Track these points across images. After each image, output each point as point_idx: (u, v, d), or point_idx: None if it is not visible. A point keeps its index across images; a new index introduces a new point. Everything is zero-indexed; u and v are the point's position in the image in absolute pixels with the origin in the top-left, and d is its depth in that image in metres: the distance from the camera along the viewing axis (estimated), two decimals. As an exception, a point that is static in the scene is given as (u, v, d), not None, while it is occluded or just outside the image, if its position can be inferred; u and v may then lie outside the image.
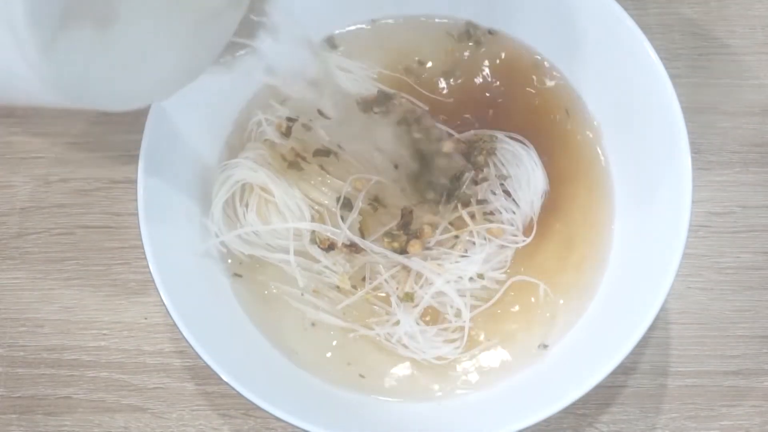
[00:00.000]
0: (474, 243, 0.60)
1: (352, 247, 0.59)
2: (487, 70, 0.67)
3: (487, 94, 0.66)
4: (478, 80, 0.66)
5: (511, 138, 0.64)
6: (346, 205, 0.61)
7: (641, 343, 0.52)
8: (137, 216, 0.55)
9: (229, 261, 0.62)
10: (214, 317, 0.58)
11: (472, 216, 0.61)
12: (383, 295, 0.61)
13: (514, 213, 0.62)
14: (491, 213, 0.62)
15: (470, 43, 0.67)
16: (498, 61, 0.67)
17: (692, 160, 0.55)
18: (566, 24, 0.63)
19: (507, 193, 0.62)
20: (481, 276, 0.60)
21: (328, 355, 0.60)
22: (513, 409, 0.54)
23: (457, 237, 0.61)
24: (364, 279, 0.61)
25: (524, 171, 0.63)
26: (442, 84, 0.66)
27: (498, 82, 0.66)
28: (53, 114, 0.73)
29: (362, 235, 0.60)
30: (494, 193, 0.62)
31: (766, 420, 0.64)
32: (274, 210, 0.61)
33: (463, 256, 0.60)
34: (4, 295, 0.69)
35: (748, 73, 0.73)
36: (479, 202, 0.61)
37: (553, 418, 0.51)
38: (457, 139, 0.63)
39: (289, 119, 0.63)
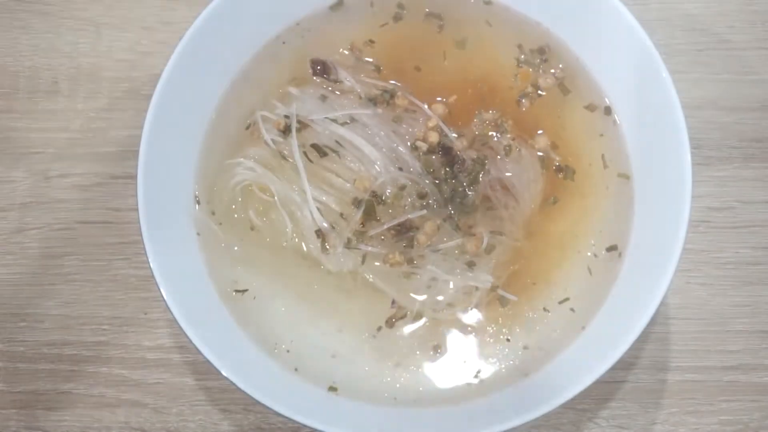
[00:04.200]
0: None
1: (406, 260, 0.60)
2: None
3: (487, 83, 0.66)
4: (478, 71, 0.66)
5: (511, 135, 0.64)
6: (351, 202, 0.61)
7: (641, 339, 0.53)
8: (137, 211, 0.55)
9: (229, 258, 0.62)
10: (213, 313, 0.58)
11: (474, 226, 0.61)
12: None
13: (513, 209, 0.62)
14: (491, 209, 0.62)
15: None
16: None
17: (692, 155, 0.55)
18: (567, 21, 0.63)
19: (506, 188, 0.62)
20: (495, 288, 0.60)
21: (328, 356, 0.60)
22: (514, 405, 0.54)
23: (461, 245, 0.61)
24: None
25: (523, 167, 0.63)
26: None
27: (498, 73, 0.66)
28: (52, 109, 0.73)
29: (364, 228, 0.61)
30: (494, 189, 0.62)
31: (766, 415, 0.65)
32: (273, 209, 0.61)
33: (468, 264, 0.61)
34: (4, 290, 0.69)
35: (747, 69, 0.73)
36: (482, 200, 0.61)
37: (553, 413, 0.52)
38: (462, 138, 0.63)
39: (287, 117, 0.63)
